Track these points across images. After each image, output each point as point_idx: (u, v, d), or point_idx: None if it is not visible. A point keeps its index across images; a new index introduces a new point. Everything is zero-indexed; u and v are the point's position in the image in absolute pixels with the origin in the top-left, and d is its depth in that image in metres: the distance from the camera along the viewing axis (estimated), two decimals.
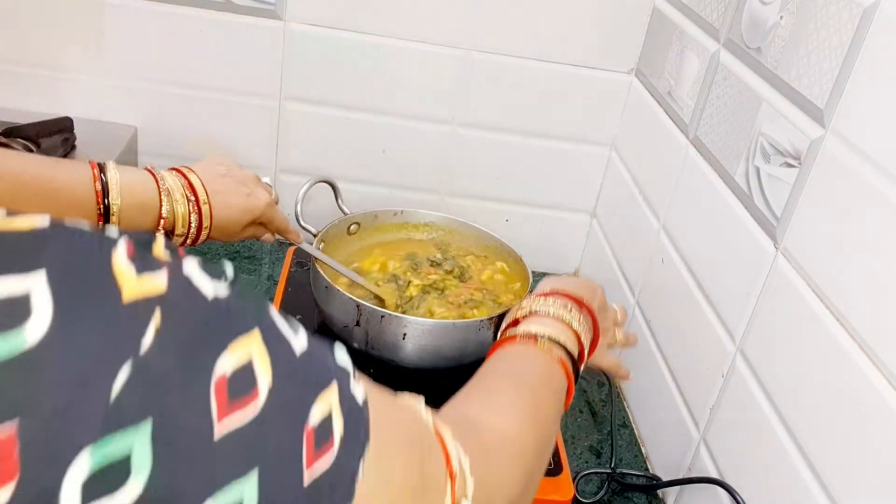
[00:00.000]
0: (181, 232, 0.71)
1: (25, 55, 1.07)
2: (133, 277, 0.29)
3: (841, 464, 0.59)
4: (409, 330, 0.83)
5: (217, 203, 0.74)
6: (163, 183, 0.70)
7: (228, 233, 0.77)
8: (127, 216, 0.67)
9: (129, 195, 0.67)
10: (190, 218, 0.72)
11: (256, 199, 0.78)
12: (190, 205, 0.71)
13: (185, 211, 0.71)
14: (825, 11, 0.66)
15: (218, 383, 0.29)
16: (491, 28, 1.08)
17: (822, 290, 0.63)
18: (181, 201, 0.71)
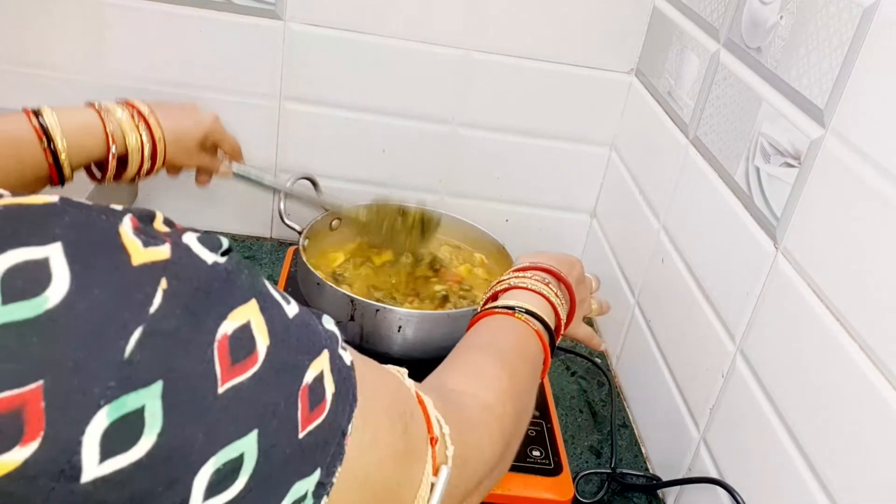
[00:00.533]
0: (135, 147, 0.72)
1: (25, 55, 1.07)
2: (140, 246, 0.30)
3: (841, 464, 0.59)
4: (404, 322, 0.83)
5: (164, 116, 0.74)
6: (102, 108, 0.71)
7: (185, 149, 0.77)
8: (75, 147, 0.67)
9: (70, 127, 0.67)
10: (140, 134, 0.72)
11: (201, 114, 0.80)
12: (135, 119, 0.72)
13: (131, 126, 0.71)
14: (825, 11, 0.66)
15: (220, 344, 0.31)
16: (491, 28, 1.08)
17: (822, 290, 0.63)
18: (125, 118, 0.71)
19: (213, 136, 0.81)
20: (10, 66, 1.08)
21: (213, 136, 0.81)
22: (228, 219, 1.22)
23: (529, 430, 0.83)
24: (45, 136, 0.65)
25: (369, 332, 0.85)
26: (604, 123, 1.15)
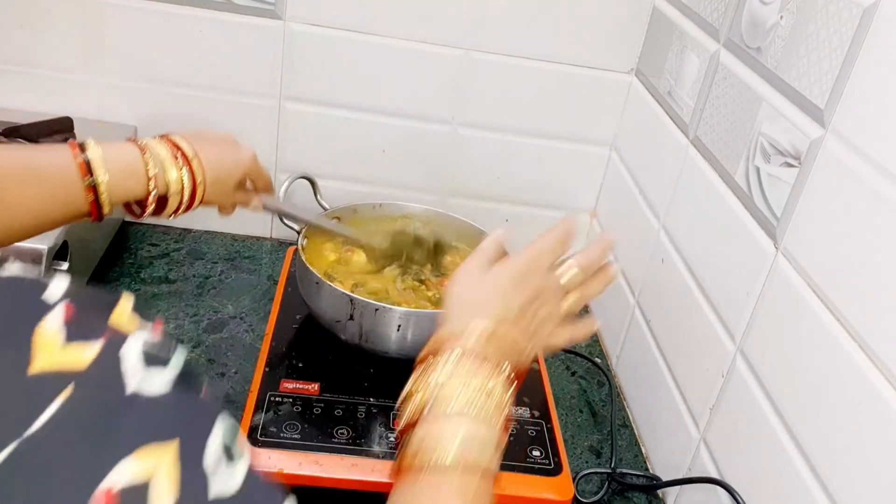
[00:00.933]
0: (176, 190, 0.69)
1: (25, 55, 1.07)
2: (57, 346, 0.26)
3: (841, 464, 0.59)
4: (403, 321, 0.83)
5: (207, 157, 0.72)
6: (146, 147, 0.68)
7: (223, 189, 0.75)
8: (116, 187, 0.65)
9: (114, 165, 0.65)
10: (182, 175, 0.69)
11: (244, 151, 0.77)
12: (178, 161, 0.69)
13: (173, 169, 0.69)
14: (825, 11, 0.66)
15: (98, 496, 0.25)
16: (491, 28, 1.08)
17: (822, 290, 0.63)
18: (168, 159, 0.69)
19: (251, 174, 0.79)
20: (10, 66, 1.08)
21: (250, 174, 0.79)
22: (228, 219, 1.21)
23: (529, 430, 0.84)
24: (88, 168, 0.63)
25: (368, 332, 0.85)
26: (604, 123, 1.15)
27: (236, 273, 1.13)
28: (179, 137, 0.71)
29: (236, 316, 1.04)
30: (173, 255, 1.15)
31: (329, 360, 0.90)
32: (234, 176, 0.76)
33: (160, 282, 1.08)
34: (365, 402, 0.83)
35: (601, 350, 1.12)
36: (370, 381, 0.87)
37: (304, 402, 0.82)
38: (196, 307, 1.04)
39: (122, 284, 1.06)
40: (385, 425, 0.81)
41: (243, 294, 1.09)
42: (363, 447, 0.78)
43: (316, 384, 0.85)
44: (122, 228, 1.16)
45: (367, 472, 0.76)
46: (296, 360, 0.89)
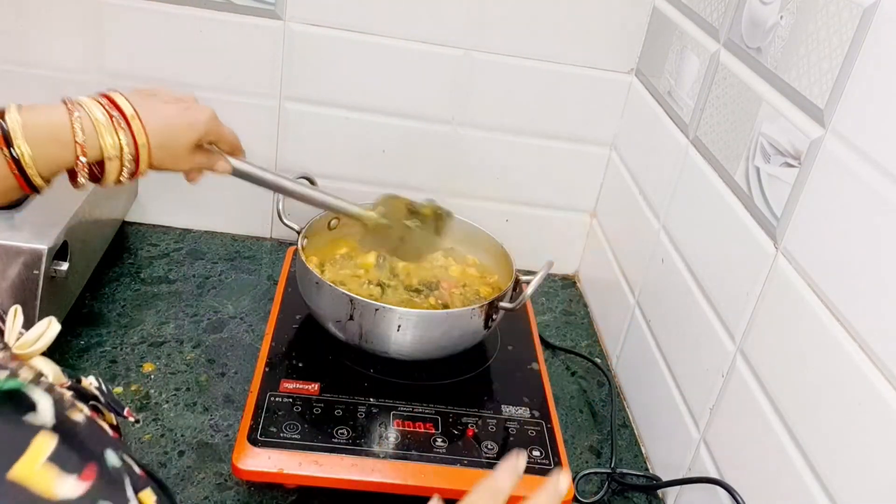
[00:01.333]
0: (113, 155, 0.62)
1: (25, 55, 1.07)
2: None
3: (841, 464, 0.59)
4: (403, 321, 0.83)
5: (150, 118, 0.64)
6: (76, 107, 0.61)
7: (176, 153, 0.68)
8: (41, 157, 0.59)
9: (36, 132, 0.59)
10: (119, 138, 0.62)
11: (198, 112, 0.69)
12: (114, 122, 0.62)
13: (108, 132, 0.61)
14: (825, 11, 0.66)
15: None
16: (491, 28, 1.08)
17: (822, 290, 0.63)
18: (102, 121, 0.61)
19: (209, 136, 0.72)
20: (10, 65, 1.08)
21: (208, 136, 0.72)
22: (228, 219, 1.22)
23: (529, 430, 0.84)
24: (5, 140, 0.57)
25: (368, 332, 0.85)
26: (604, 123, 1.15)
27: (236, 273, 1.13)
28: (119, 95, 0.64)
29: (236, 316, 1.04)
30: (173, 255, 1.15)
31: (329, 360, 0.90)
32: (188, 137, 0.68)
33: (160, 282, 1.08)
34: (365, 402, 0.83)
35: (601, 350, 1.12)
36: (370, 381, 0.87)
37: (304, 402, 0.82)
38: (196, 307, 1.04)
39: (122, 284, 1.06)
40: (385, 425, 0.81)
41: (243, 294, 1.09)
42: (363, 447, 0.78)
43: (316, 384, 0.85)
44: (122, 228, 1.16)
45: (367, 472, 0.76)
46: (296, 360, 0.89)
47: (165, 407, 0.88)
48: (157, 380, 0.91)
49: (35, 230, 0.83)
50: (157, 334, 0.98)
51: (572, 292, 1.25)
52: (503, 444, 0.81)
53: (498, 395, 0.89)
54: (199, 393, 0.90)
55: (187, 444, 0.84)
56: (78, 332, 0.96)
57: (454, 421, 0.83)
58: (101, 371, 0.91)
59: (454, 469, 0.77)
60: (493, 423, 0.84)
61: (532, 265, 0.96)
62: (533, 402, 0.88)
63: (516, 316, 1.00)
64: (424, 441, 0.80)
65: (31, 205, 0.87)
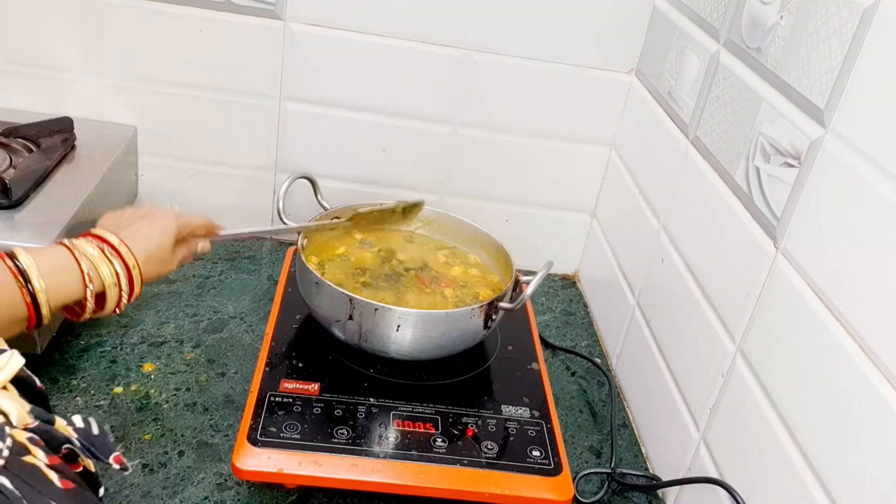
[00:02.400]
0: (112, 283, 0.70)
1: (25, 55, 1.07)
2: None
3: (841, 464, 0.59)
4: (402, 321, 0.83)
5: (132, 241, 0.72)
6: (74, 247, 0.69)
7: (162, 260, 0.76)
8: (54, 291, 0.65)
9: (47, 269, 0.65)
10: (114, 268, 0.70)
11: (162, 218, 0.77)
12: (106, 254, 0.70)
13: (104, 263, 0.69)
14: (825, 11, 0.66)
15: None
16: (491, 28, 1.08)
17: (822, 290, 0.63)
18: (96, 255, 0.69)
19: (182, 233, 0.79)
20: (10, 65, 1.08)
21: (181, 233, 0.79)
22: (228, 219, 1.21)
23: (529, 430, 0.84)
24: (23, 277, 0.63)
25: (368, 331, 0.85)
26: (604, 123, 1.15)
27: (236, 273, 1.13)
28: (103, 230, 0.72)
29: (236, 316, 1.04)
30: None
31: (329, 360, 0.90)
32: (166, 244, 0.76)
33: (160, 282, 1.08)
34: (365, 402, 0.83)
35: (601, 350, 1.12)
36: (370, 381, 0.87)
37: (304, 402, 0.82)
38: (196, 307, 1.04)
39: None
40: (385, 425, 0.81)
41: (243, 294, 1.09)
42: (363, 447, 0.78)
43: (316, 384, 0.85)
44: None
45: (367, 472, 0.76)
46: (296, 360, 0.89)
47: (165, 407, 0.88)
48: (157, 380, 0.91)
49: (35, 230, 0.83)
50: (157, 334, 0.98)
51: (572, 292, 1.25)
52: (503, 444, 0.81)
53: (498, 395, 0.89)
54: (199, 393, 0.90)
55: (187, 444, 0.84)
56: (78, 332, 0.96)
57: (454, 421, 0.83)
58: (101, 371, 0.91)
59: (454, 469, 0.77)
60: (493, 423, 0.84)
61: (532, 265, 0.96)
62: (533, 402, 0.88)
63: (516, 316, 1.00)
64: (424, 441, 0.80)
65: (32, 205, 0.87)
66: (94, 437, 0.50)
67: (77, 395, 0.87)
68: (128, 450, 0.82)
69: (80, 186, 0.94)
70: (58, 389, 0.87)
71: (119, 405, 0.87)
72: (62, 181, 0.94)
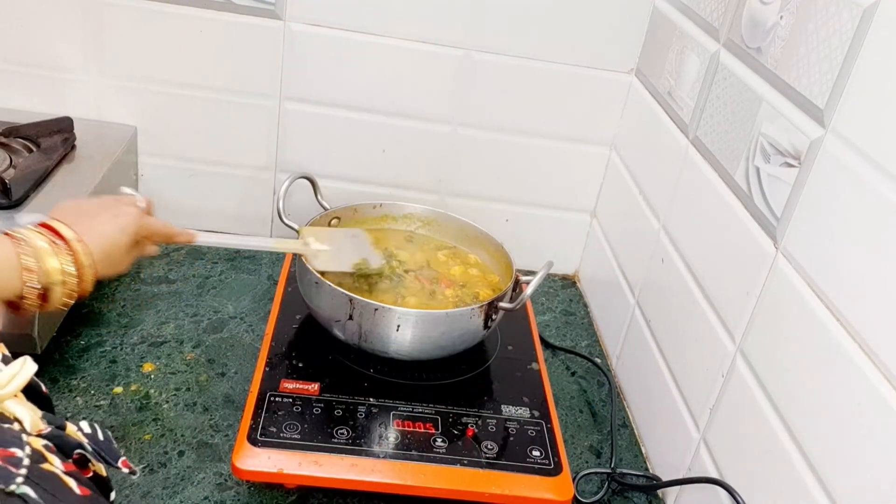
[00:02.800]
0: (57, 280, 0.64)
1: (25, 55, 1.07)
2: None
3: (841, 464, 0.59)
4: (402, 321, 0.83)
5: (89, 237, 0.67)
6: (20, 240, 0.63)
7: (115, 261, 0.71)
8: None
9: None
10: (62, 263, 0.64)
11: (126, 216, 0.72)
12: (58, 248, 0.64)
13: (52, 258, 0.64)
14: (825, 11, 0.66)
15: None
16: (491, 28, 1.08)
17: (822, 290, 0.63)
18: (45, 248, 0.63)
19: (140, 234, 0.74)
20: (9, 65, 1.08)
21: (140, 235, 0.74)
22: (228, 219, 1.22)
23: (529, 430, 0.84)
24: None
25: (368, 331, 0.85)
26: (604, 123, 1.15)
27: (236, 273, 1.13)
28: (58, 223, 0.66)
29: (236, 316, 1.04)
30: (173, 255, 1.15)
31: (329, 360, 0.90)
32: (123, 243, 0.71)
33: (160, 282, 1.08)
34: (365, 402, 0.83)
35: (601, 350, 1.12)
36: (370, 381, 0.87)
37: (304, 402, 0.82)
38: (196, 307, 1.04)
39: (122, 284, 1.06)
40: (385, 425, 0.81)
41: (243, 294, 1.09)
42: (363, 447, 0.78)
43: (316, 384, 0.85)
44: None
45: (367, 472, 0.76)
46: (296, 360, 0.89)
47: (165, 407, 0.88)
48: (157, 380, 0.91)
49: None
50: (157, 334, 0.98)
51: (572, 292, 1.25)
52: (503, 444, 0.81)
53: (498, 395, 0.89)
54: (199, 393, 0.90)
55: (187, 444, 0.84)
56: (78, 332, 0.96)
57: (454, 421, 0.83)
58: (101, 371, 0.91)
59: (454, 469, 0.77)
60: (493, 423, 0.84)
61: (532, 265, 0.96)
62: (533, 402, 0.88)
63: (516, 316, 1.00)
64: (424, 441, 0.80)
65: (32, 205, 0.88)
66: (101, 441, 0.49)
67: (77, 395, 0.87)
68: (128, 450, 0.82)
69: (80, 186, 0.94)
70: (58, 389, 0.87)
71: (119, 405, 0.87)
72: (62, 181, 0.94)
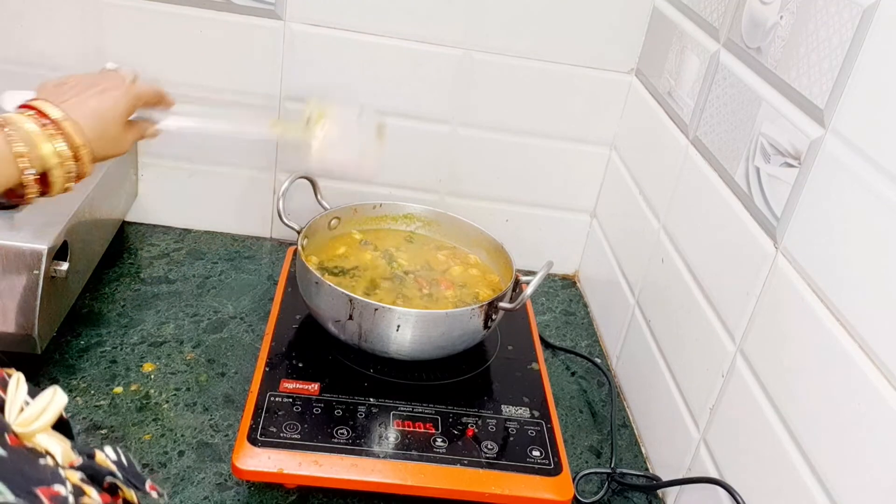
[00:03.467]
0: (55, 164, 0.61)
1: (25, 55, 1.07)
2: None
3: (841, 464, 0.59)
4: (402, 321, 0.83)
5: (79, 115, 0.63)
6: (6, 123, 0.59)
7: (111, 139, 0.67)
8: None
9: None
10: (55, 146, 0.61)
11: (114, 89, 0.68)
12: (48, 130, 0.61)
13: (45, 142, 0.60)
14: (825, 11, 0.66)
15: None
16: (491, 28, 1.08)
17: (822, 290, 0.63)
18: (35, 132, 0.60)
19: (136, 106, 0.69)
20: (9, 65, 1.08)
21: (135, 107, 0.69)
22: (228, 219, 1.22)
23: (529, 430, 0.84)
24: None
25: (368, 331, 0.85)
26: (604, 123, 1.15)
27: (236, 273, 1.13)
28: (44, 103, 0.62)
29: (236, 316, 1.04)
30: (173, 255, 1.15)
31: (329, 360, 0.90)
32: (117, 119, 0.67)
33: (160, 282, 1.08)
34: (365, 402, 0.83)
35: (601, 350, 1.12)
36: (370, 381, 0.87)
37: (304, 402, 0.82)
38: (196, 307, 1.04)
39: (122, 284, 1.06)
40: (385, 425, 0.81)
41: (243, 294, 1.09)
42: (363, 447, 0.78)
43: (316, 384, 0.85)
44: (122, 228, 1.16)
45: (367, 472, 0.76)
46: (296, 360, 0.89)
47: (165, 407, 0.88)
48: (157, 380, 0.91)
49: (35, 230, 0.83)
50: (157, 334, 0.98)
51: (572, 292, 1.25)
52: (503, 444, 0.81)
53: (498, 395, 0.89)
54: (199, 393, 0.90)
55: (187, 444, 0.84)
56: (78, 332, 0.96)
57: (454, 421, 0.83)
58: (101, 371, 0.91)
59: (454, 469, 0.77)
60: (493, 423, 0.84)
61: (532, 265, 0.96)
62: (533, 402, 0.88)
63: (516, 316, 1.00)
64: (424, 441, 0.80)
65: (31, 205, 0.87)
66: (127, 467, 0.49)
67: (77, 396, 0.87)
68: (128, 450, 0.82)
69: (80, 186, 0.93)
70: None
71: (119, 405, 0.87)
72: None
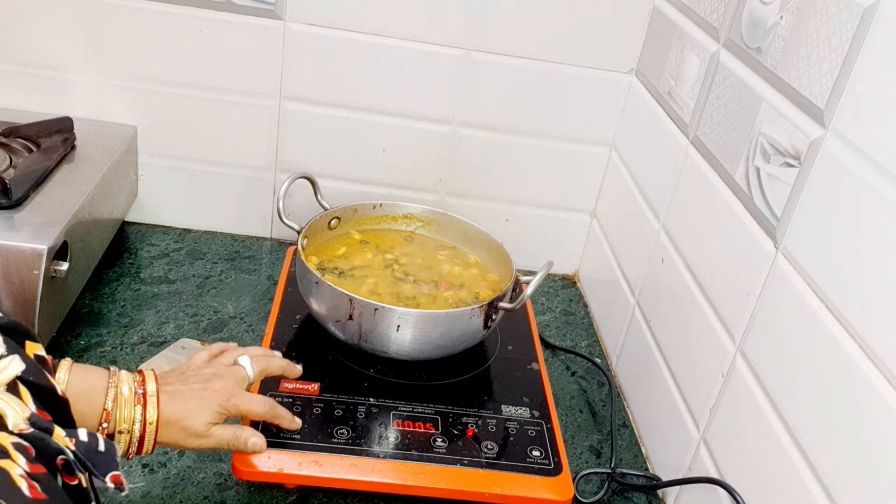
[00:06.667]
0: (125, 429, 0.64)
1: (25, 55, 1.07)
2: None
3: (841, 464, 0.59)
4: (402, 321, 0.83)
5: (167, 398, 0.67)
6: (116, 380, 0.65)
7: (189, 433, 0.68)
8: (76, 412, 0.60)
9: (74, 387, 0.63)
10: (134, 414, 0.65)
11: (212, 391, 0.71)
12: (136, 397, 0.66)
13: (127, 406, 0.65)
14: (825, 11, 0.66)
15: None
16: (491, 28, 1.08)
17: (822, 290, 0.63)
18: (128, 395, 0.65)
19: (226, 413, 0.71)
20: (9, 65, 1.08)
21: (225, 413, 0.71)
22: (228, 219, 1.22)
23: (529, 430, 0.84)
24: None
25: (367, 331, 0.85)
26: (604, 123, 1.15)
27: (236, 273, 1.13)
28: (151, 373, 0.68)
29: (236, 316, 1.04)
30: (173, 255, 1.15)
31: (329, 360, 0.90)
32: (199, 418, 0.69)
33: (160, 282, 1.08)
34: (365, 402, 0.83)
35: (601, 350, 1.12)
36: (370, 381, 0.87)
37: (304, 402, 0.82)
38: (196, 307, 1.04)
39: (122, 284, 1.06)
40: (385, 425, 0.81)
41: (243, 294, 1.09)
42: (363, 447, 0.78)
43: (316, 384, 0.85)
44: (122, 228, 1.16)
45: (367, 472, 0.76)
46: (296, 360, 0.88)
47: None
48: None
49: (35, 230, 0.83)
50: (157, 334, 0.98)
51: (572, 292, 1.25)
52: (503, 444, 0.81)
53: (498, 395, 0.89)
54: None
55: None
56: (78, 332, 0.96)
57: (454, 421, 0.83)
58: None
59: (454, 469, 0.77)
60: (493, 423, 0.84)
61: (532, 265, 0.96)
62: (533, 402, 0.88)
63: (516, 316, 1.00)
64: (424, 441, 0.80)
65: (32, 205, 0.87)
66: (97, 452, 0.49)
67: None
68: None
69: (80, 186, 0.94)
70: None
71: None
72: (62, 181, 0.94)
